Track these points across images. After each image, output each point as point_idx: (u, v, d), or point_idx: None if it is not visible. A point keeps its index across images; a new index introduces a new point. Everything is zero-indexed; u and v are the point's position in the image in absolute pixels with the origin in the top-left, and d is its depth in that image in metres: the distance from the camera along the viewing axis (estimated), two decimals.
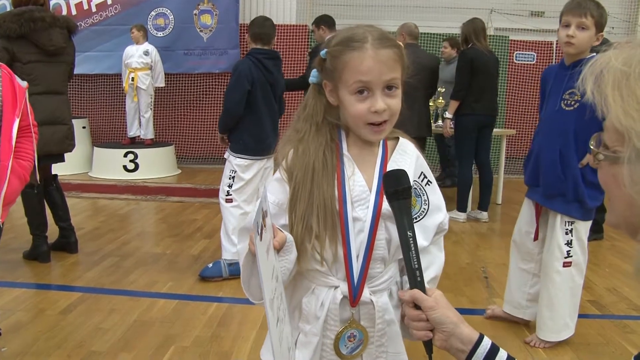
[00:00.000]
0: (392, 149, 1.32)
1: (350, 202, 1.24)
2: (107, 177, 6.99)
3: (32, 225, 4.00)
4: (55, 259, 4.08)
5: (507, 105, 8.20)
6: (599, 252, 4.59)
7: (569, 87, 2.69)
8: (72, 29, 3.89)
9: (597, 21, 2.61)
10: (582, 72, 0.77)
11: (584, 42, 2.62)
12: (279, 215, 1.26)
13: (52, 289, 3.58)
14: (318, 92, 1.30)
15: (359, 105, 1.21)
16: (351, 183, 1.25)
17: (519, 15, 8.18)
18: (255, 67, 3.69)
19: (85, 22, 8.15)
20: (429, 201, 1.34)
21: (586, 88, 0.75)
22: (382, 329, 1.28)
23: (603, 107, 0.73)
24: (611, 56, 0.75)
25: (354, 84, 1.20)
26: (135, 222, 5.50)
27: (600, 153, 0.76)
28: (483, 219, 5.51)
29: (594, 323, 3.18)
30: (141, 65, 7.25)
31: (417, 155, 1.35)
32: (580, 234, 2.80)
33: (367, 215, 1.23)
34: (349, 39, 1.22)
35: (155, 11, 8.10)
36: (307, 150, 1.26)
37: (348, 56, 1.20)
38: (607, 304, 3.49)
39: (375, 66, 1.19)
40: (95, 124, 8.33)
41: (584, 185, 2.69)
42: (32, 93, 3.74)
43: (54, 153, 3.93)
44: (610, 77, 0.73)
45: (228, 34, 8.07)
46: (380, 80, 1.20)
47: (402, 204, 1.11)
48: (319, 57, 1.28)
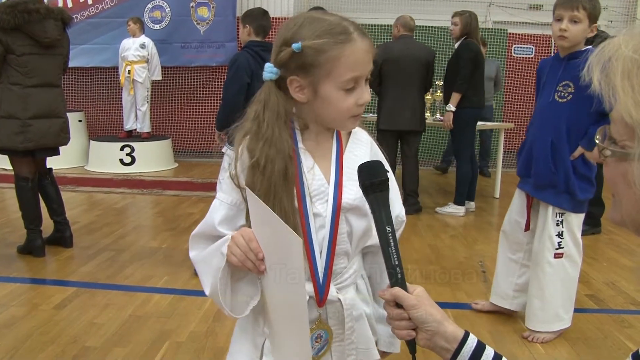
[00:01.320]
0: (345, 138, 1.27)
1: (309, 198, 1.18)
2: (103, 171, 6.96)
3: (26, 219, 3.97)
4: (50, 253, 4.05)
5: (506, 99, 8.17)
6: (597, 246, 4.57)
7: (562, 79, 2.69)
8: (67, 20, 3.84)
9: (589, 13, 2.60)
10: (588, 60, 0.72)
11: (577, 35, 2.62)
12: (236, 216, 1.19)
13: (46, 283, 3.55)
14: (276, 90, 1.17)
15: (348, 100, 1.15)
16: (309, 177, 1.19)
17: (517, 9, 8.13)
18: (253, 60, 3.65)
19: (82, 14, 8.09)
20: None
21: (592, 77, 0.70)
22: (351, 326, 1.24)
23: (611, 97, 0.68)
24: (621, 43, 0.69)
25: (346, 79, 1.13)
26: (131, 216, 5.47)
27: (606, 149, 0.70)
28: (471, 209, 5.60)
29: (591, 317, 3.16)
30: (138, 58, 7.20)
31: (370, 143, 1.29)
32: (572, 225, 2.79)
33: (327, 209, 1.18)
34: (331, 31, 1.13)
35: (152, 4, 8.04)
36: (267, 163, 1.14)
37: (338, 50, 1.12)
38: (605, 298, 3.48)
39: (366, 58, 1.15)
40: (92, 117, 8.29)
41: (575, 177, 2.70)
42: (27, 85, 3.74)
43: (49, 146, 3.90)
44: (620, 66, 0.67)
45: (225, 27, 8.02)
46: (366, 72, 1.16)
47: (379, 197, 1.04)
48: (289, 51, 1.14)
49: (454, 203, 5.46)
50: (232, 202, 1.19)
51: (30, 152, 3.83)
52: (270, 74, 1.17)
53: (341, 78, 1.14)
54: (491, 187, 6.53)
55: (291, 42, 1.14)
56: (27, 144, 3.74)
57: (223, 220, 1.18)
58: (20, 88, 3.70)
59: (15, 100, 3.69)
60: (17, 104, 3.69)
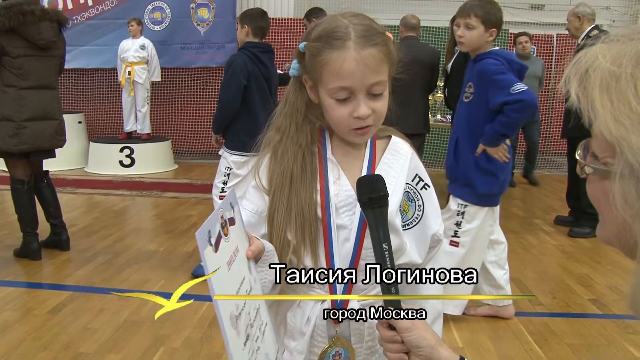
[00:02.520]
0: (382, 149, 1.21)
1: (334, 209, 1.14)
2: (103, 173, 6.93)
3: (22, 222, 3.93)
4: (47, 256, 4.01)
5: None
6: (600, 248, 4.51)
7: (468, 79, 2.94)
8: (63, 22, 3.80)
9: (484, 19, 2.79)
10: (566, 71, 0.66)
11: (472, 40, 2.84)
12: (259, 224, 1.17)
13: (41, 287, 3.51)
14: (299, 87, 1.18)
15: (341, 110, 1.10)
16: (336, 188, 1.15)
17: (519, 9, 8.07)
18: (250, 61, 3.60)
19: (82, 16, 8.08)
20: (423, 207, 1.22)
21: (570, 90, 0.64)
22: (371, 346, 1.18)
23: (590, 112, 0.62)
24: (598, 53, 0.63)
25: (333, 88, 1.09)
26: (129, 218, 5.43)
27: (587, 165, 0.65)
28: None
29: (594, 323, 3.11)
30: (138, 60, 7.17)
31: (411, 155, 1.22)
32: (472, 217, 2.93)
33: (353, 222, 1.14)
34: (329, 35, 1.09)
35: (152, 5, 8.01)
36: (285, 153, 1.16)
37: (327, 56, 1.08)
38: (609, 302, 3.42)
39: (357, 69, 1.06)
40: (91, 118, 8.26)
41: (476, 171, 2.87)
42: (22, 87, 3.70)
43: (44, 148, 3.86)
44: (598, 78, 0.61)
45: (225, 28, 7.98)
46: (364, 85, 1.08)
47: (377, 213, 0.99)
48: (298, 50, 1.15)
49: None
50: (254, 209, 1.17)
51: (26, 154, 3.79)
52: (293, 70, 1.18)
53: (327, 86, 1.10)
54: None
55: (304, 40, 1.14)
56: (21, 146, 3.70)
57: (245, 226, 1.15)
58: (14, 90, 3.67)
59: (10, 103, 3.66)
60: (11, 106, 3.66)
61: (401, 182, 1.19)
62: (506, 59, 2.84)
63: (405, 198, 1.20)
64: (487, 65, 2.79)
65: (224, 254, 0.87)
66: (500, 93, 2.72)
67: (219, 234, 0.86)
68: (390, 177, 1.16)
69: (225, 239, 0.89)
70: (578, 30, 4.83)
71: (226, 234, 0.89)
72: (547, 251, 4.47)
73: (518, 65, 2.87)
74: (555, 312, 3.29)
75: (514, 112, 2.71)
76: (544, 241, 4.72)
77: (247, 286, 0.93)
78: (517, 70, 2.86)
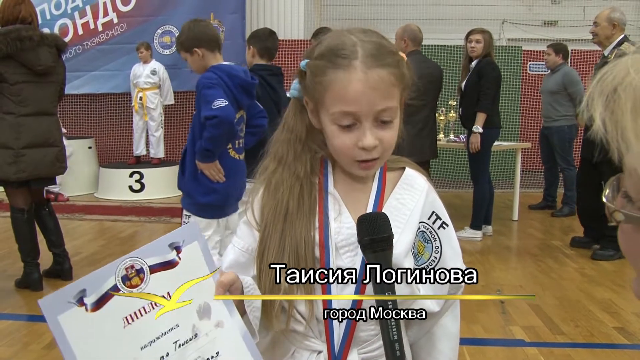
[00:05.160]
0: (393, 182, 1.07)
1: (334, 249, 1.01)
2: (112, 198, 6.86)
3: (22, 252, 3.84)
4: (49, 286, 3.90)
5: (522, 118, 7.93)
6: (623, 271, 4.30)
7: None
8: (61, 47, 3.74)
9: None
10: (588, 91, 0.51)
11: None
12: (249, 264, 1.05)
13: (41, 320, 3.37)
14: (299, 110, 1.06)
15: (343, 138, 0.97)
16: (337, 226, 1.02)
17: (531, 25, 7.95)
18: (259, 85, 3.51)
19: (92, 41, 8.11)
20: (441, 249, 1.08)
21: (593, 114, 0.49)
22: None
23: (620, 143, 0.47)
24: (629, 67, 0.49)
25: (336, 113, 0.97)
26: (136, 245, 5.30)
27: (618, 211, 0.50)
28: (488, 233, 5.37)
29: (622, 354, 2.92)
30: (149, 85, 7.17)
31: (427, 190, 1.08)
32: (202, 230, 2.88)
33: (355, 264, 1.00)
34: (334, 52, 0.96)
35: (162, 29, 8.02)
36: (280, 185, 1.03)
37: (330, 76, 0.95)
38: (636, 331, 3.21)
39: (364, 93, 0.94)
40: (102, 144, 8.22)
41: (193, 181, 2.88)
42: (21, 115, 3.63)
43: (44, 176, 3.78)
44: (630, 99, 0.47)
45: (235, 50, 7.93)
46: (371, 111, 0.95)
47: (379, 257, 0.87)
48: (299, 69, 1.03)
49: (470, 227, 5.23)
50: (243, 247, 1.07)
51: (25, 182, 3.71)
52: (294, 91, 1.06)
53: (330, 110, 0.97)
54: (509, 209, 6.28)
55: (306, 57, 1.03)
56: (20, 174, 3.62)
57: (232, 265, 1.06)
58: (13, 117, 3.60)
59: (8, 130, 3.58)
60: (9, 133, 3.58)
61: (414, 221, 1.05)
62: (228, 73, 2.80)
63: (420, 238, 1.06)
64: (201, 79, 2.81)
65: (115, 311, 0.81)
66: (205, 107, 2.73)
67: (114, 287, 0.81)
68: (401, 214, 1.04)
69: (137, 290, 0.83)
70: (608, 40, 4.39)
71: (137, 284, 0.83)
72: (567, 275, 4.27)
73: (240, 81, 2.84)
74: (578, 342, 3.09)
75: (212, 128, 2.71)
76: (563, 264, 4.52)
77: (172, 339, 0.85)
78: (239, 86, 2.83)
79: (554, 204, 6.57)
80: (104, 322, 0.79)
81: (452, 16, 7.90)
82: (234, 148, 3.01)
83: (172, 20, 7.92)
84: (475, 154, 5.10)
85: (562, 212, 6.29)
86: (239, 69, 3.00)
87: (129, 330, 0.81)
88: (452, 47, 7.57)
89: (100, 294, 0.79)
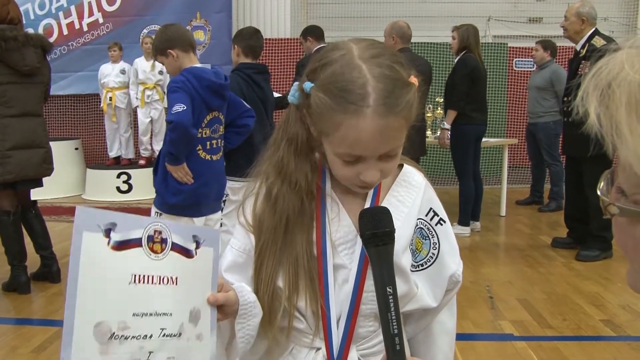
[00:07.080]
0: (390, 179, 1.07)
1: (330, 247, 1.01)
2: (100, 199, 6.82)
3: (9, 254, 3.81)
4: (37, 289, 3.87)
5: (508, 114, 7.98)
6: (610, 265, 4.35)
7: None
8: (47, 47, 3.71)
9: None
10: (582, 85, 0.51)
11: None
12: (247, 264, 1.05)
13: (29, 323, 3.37)
14: (300, 118, 1.02)
15: (346, 170, 0.97)
16: (334, 224, 1.02)
17: (517, 22, 8.00)
18: (245, 84, 3.50)
19: (77, 41, 8.05)
20: (439, 245, 1.08)
21: (588, 108, 0.49)
22: None
23: (614, 138, 0.48)
24: (624, 61, 0.49)
25: (341, 152, 0.95)
26: None
27: (612, 205, 0.51)
28: (476, 229, 5.40)
29: (608, 346, 2.95)
30: (118, 85, 7.14)
31: (424, 187, 1.09)
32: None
33: (353, 261, 1.01)
34: (343, 92, 0.91)
35: (148, 29, 7.96)
36: (279, 197, 1.01)
37: (338, 119, 0.91)
38: (622, 323, 3.25)
39: (373, 140, 0.91)
40: (88, 145, 8.17)
41: (165, 183, 2.91)
42: (6, 116, 3.59)
43: (30, 178, 3.74)
44: (624, 94, 0.47)
45: (221, 49, 7.92)
46: (377, 153, 0.94)
47: (381, 252, 0.87)
48: (301, 86, 0.98)
49: (458, 224, 5.25)
50: (240, 247, 1.07)
51: (11, 184, 3.67)
52: (292, 97, 1.01)
53: (335, 148, 0.95)
54: (496, 205, 6.33)
55: (310, 77, 0.97)
56: (6, 176, 3.57)
57: (231, 267, 1.06)
58: None
59: None
60: None
61: (412, 217, 1.06)
62: (195, 75, 2.83)
63: (418, 235, 1.07)
64: (169, 82, 2.89)
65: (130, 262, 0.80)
66: (167, 111, 2.82)
67: (138, 240, 0.80)
68: (399, 211, 1.04)
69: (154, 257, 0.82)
70: (578, 35, 4.40)
71: (156, 251, 0.83)
72: (555, 270, 4.30)
73: (208, 82, 2.86)
74: (566, 335, 3.12)
75: (169, 132, 2.79)
76: (552, 259, 4.56)
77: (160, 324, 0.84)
78: (207, 88, 2.85)
79: (541, 199, 6.61)
80: (116, 266, 0.77)
81: (438, 13, 7.93)
82: (205, 149, 2.99)
83: (158, 20, 7.86)
84: (456, 151, 5.15)
85: (549, 207, 6.34)
86: (209, 71, 3.00)
87: (132, 288, 0.80)
88: (438, 44, 7.61)
89: (125, 238, 0.78)
